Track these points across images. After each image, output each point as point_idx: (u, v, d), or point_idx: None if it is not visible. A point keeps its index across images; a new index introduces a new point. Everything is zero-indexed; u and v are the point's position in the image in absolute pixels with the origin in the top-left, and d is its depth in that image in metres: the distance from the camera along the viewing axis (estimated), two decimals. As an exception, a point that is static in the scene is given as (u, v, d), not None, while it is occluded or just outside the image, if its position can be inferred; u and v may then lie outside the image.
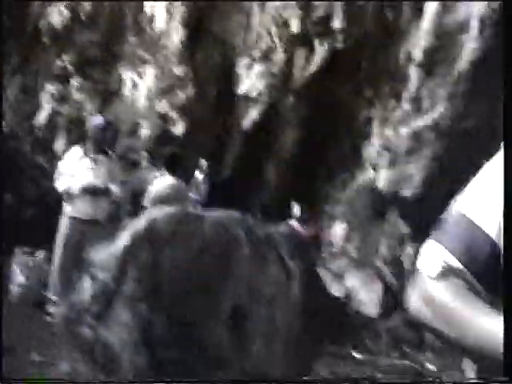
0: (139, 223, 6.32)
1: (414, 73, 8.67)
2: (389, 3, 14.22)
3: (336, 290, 12.29)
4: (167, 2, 14.44)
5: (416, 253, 6.56)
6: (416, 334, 10.52)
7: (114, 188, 9.03)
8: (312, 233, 7.61)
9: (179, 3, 14.32)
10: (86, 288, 6.36)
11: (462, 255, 1.89)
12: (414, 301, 1.98)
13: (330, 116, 14.64)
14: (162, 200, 8.68)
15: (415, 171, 8.37)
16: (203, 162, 7.09)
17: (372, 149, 13.61)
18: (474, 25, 7.60)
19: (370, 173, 13.31)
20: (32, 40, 15.63)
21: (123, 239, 6.27)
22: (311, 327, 6.27)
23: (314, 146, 14.74)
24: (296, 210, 7.19)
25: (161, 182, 9.05)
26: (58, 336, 6.46)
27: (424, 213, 8.60)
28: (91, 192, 8.74)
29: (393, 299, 11.75)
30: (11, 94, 15.33)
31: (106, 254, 6.32)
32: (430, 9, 8.26)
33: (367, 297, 12.00)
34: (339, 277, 12.66)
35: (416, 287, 1.95)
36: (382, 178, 8.98)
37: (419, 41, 8.93)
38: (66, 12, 15.20)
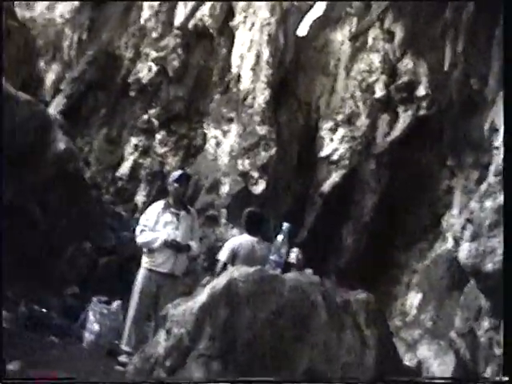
0: (219, 281, 6.33)
1: (499, 144, 8.57)
2: (474, 72, 14.20)
3: (408, 360, 12.08)
4: (253, 63, 14.63)
5: (492, 327, 6.42)
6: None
7: (194, 244, 9.08)
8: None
9: (266, 65, 14.49)
10: (161, 342, 6.38)
11: None
12: None
13: (411, 183, 14.57)
14: (239, 256, 8.68)
15: (498, 245, 8.21)
16: (286, 224, 7.06)
17: (452, 219, 13.46)
18: None
19: (450, 243, 13.15)
20: (120, 93, 15.99)
21: (202, 296, 6.29)
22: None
23: (393, 212, 14.66)
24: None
25: (239, 239, 9.05)
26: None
27: (505, 288, 8.44)
28: (173, 247, 8.80)
29: (465, 372, 11.49)
30: (97, 145, 15.66)
31: (183, 309, 6.34)
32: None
33: (439, 369, 11.76)
34: (412, 347, 12.46)
35: None
36: (464, 250, 8.83)
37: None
38: (154, 67, 15.52)
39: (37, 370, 6.38)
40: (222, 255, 8.76)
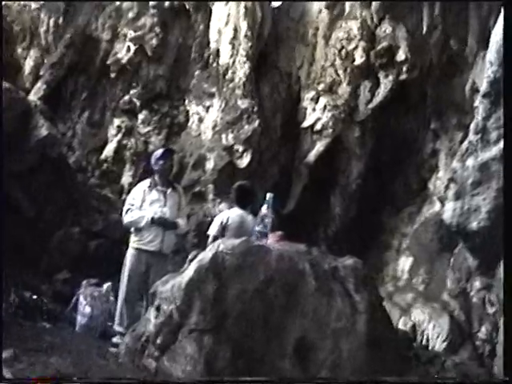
0: (205, 255, 6.33)
1: (480, 103, 8.56)
2: (453, 33, 14.19)
3: (402, 324, 12.14)
4: (231, 37, 14.56)
5: (483, 286, 6.46)
6: (484, 369, 10.31)
7: (181, 221, 9.07)
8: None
9: (244, 39, 14.42)
10: (151, 319, 6.39)
11: None
12: None
13: (396, 148, 14.59)
14: (229, 230, 8.70)
15: (482, 203, 8.24)
16: (269, 195, 7.06)
17: (439, 182, 13.49)
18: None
19: (437, 206, 13.18)
20: (100, 75, 15.90)
21: (189, 271, 6.29)
22: (377, 361, 6.18)
23: (380, 178, 14.68)
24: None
25: (228, 213, 9.06)
26: (123, 367, 6.47)
27: (491, 245, 8.47)
28: (160, 225, 8.79)
29: (460, 334, 11.55)
30: (79, 129, 15.59)
31: (171, 285, 6.35)
32: (495, 39, 8.16)
33: (434, 331, 11.82)
34: (406, 311, 12.51)
35: None
36: (448, 210, 8.86)
37: (484, 71, 8.84)
38: (133, 47, 15.44)
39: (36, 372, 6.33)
40: (212, 230, 8.81)
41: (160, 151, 9.47)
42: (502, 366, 6.46)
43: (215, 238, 8.54)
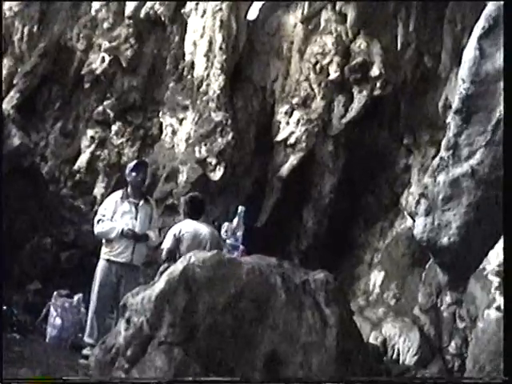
0: (175, 268, 6.33)
1: (452, 120, 8.65)
2: (427, 50, 14.31)
3: (373, 338, 12.17)
4: (206, 50, 14.57)
5: (454, 301, 6.47)
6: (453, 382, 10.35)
7: (152, 234, 9.07)
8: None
9: (219, 51, 14.44)
10: (121, 331, 6.36)
11: None
12: None
13: (369, 163, 14.65)
14: (182, 242, 8.70)
15: (453, 219, 8.31)
16: (240, 208, 7.10)
17: (411, 197, 13.55)
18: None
19: (409, 221, 13.24)
20: (74, 86, 15.85)
21: (159, 284, 6.28)
22: (347, 375, 6.19)
23: (353, 193, 14.74)
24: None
25: (180, 225, 9.06)
26: (92, 379, 6.44)
27: (461, 261, 8.53)
28: (129, 237, 8.77)
29: (430, 348, 11.59)
30: (52, 139, 15.52)
31: (141, 298, 6.33)
32: (467, 57, 8.25)
33: (404, 345, 11.86)
34: (377, 325, 12.55)
35: None
36: (419, 226, 8.92)
37: (457, 88, 8.93)
38: (107, 58, 15.41)
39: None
40: (166, 243, 8.81)
41: (133, 163, 9.48)
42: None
43: (170, 251, 8.59)
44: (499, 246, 7.74)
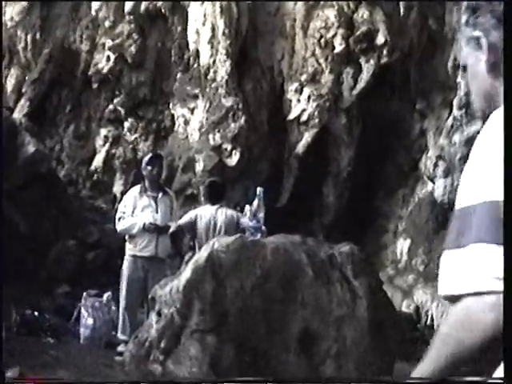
0: (200, 256, 6.33)
1: (461, 79, 8.56)
2: (430, 12, 14.19)
3: (405, 307, 12.14)
4: (210, 37, 14.52)
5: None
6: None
7: (174, 225, 9.06)
8: None
9: (222, 37, 14.39)
10: (153, 324, 6.38)
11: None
12: None
13: (384, 132, 14.57)
14: (197, 227, 8.72)
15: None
16: (259, 189, 7.09)
17: (429, 161, 13.47)
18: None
19: (430, 185, 13.16)
20: (82, 87, 15.89)
21: (186, 273, 6.28)
22: (381, 346, 6.18)
23: (371, 163, 14.67)
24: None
25: (198, 210, 9.06)
26: (129, 375, 6.46)
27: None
28: (151, 230, 8.77)
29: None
30: (67, 142, 15.59)
31: (169, 289, 6.34)
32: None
33: (438, 310, 11.82)
34: (408, 293, 12.52)
35: None
36: (439, 187, 8.86)
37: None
38: (112, 56, 15.41)
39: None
40: (180, 220, 8.84)
41: (148, 157, 9.47)
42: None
43: (179, 226, 8.65)
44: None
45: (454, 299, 1.74)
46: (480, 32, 2.05)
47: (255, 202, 7.09)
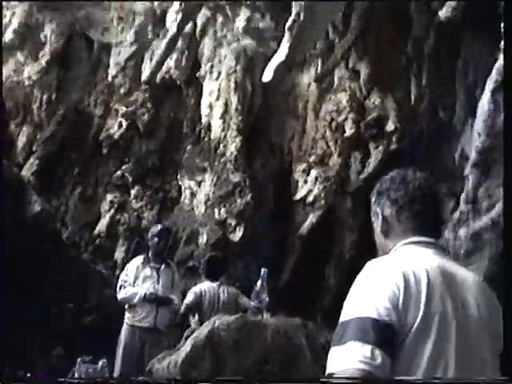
0: (201, 332, 6.33)
1: (470, 173, 8.67)
2: (441, 103, 14.35)
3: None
4: (223, 112, 14.70)
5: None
6: None
7: (175, 297, 9.08)
8: None
9: (235, 113, 14.57)
10: (148, 398, 6.34)
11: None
12: None
13: (389, 218, 14.60)
14: (203, 303, 8.71)
15: (476, 272, 8.30)
16: (263, 270, 7.13)
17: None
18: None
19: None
20: (92, 151, 16.03)
21: (185, 348, 6.28)
22: None
23: (374, 248, 14.67)
24: None
25: (200, 286, 9.07)
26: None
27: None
28: (152, 301, 8.79)
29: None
30: (72, 204, 15.65)
31: (167, 363, 6.33)
32: (482, 110, 8.32)
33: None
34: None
35: None
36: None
37: (473, 141, 8.97)
38: (125, 123, 15.59)
39: None
40: (186, 299, 8.85)
41: (157, 228, 9.55)
42: None
43: (189, 308, 8.63)
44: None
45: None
46: (380, 209, 3.24)
47: (259, 283, 7.12)
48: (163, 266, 9.11)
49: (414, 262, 2.89)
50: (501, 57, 8.39)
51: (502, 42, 7.50)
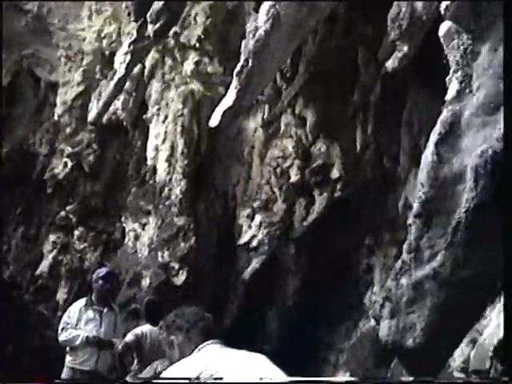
0: (142, 376, 6.30)
1: (412, 223, 8.79)
2: (385, 152, 14.54)
3: None
4: (168, 155, 14.73)
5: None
6: None
7: (117, 341, 9.04)
8: None
9: (180, 156, 14.61)
10: None
11: None
12: None
13: (332, 264, 14.70)
14: (144, 346, 8.70)
15: (417, 321, 8.37)
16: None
17: (374, 297, 13.59)
18: (469, 176, 7.78)
19: (373, 321, 13.23)
20: (36, 190, 15.90)
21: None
22: None
23: (317, 294, 14.74)
24: None
25: (141, 328, 9.06)
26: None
27: (426, 362, 8.55)
28: (94, 344, 8.73)
29: None
30: (14, 244, 15.48)
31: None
32: (426, 162, 8.46)
33: None
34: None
35: None
36: (384, 328, 8.96)
37: (416, 191, 9.11)
38: (70, 163, 15.51)
39: None
40: (126, 338, 8.83)
41: (103, 271, 9.53)
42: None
43: (128, 346, 8.59)
44: (463, 344, 7.82)
45: None
46: None
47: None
48: (106, 309, 9.08)
49: None
50: (445, 110, 8.55)
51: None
